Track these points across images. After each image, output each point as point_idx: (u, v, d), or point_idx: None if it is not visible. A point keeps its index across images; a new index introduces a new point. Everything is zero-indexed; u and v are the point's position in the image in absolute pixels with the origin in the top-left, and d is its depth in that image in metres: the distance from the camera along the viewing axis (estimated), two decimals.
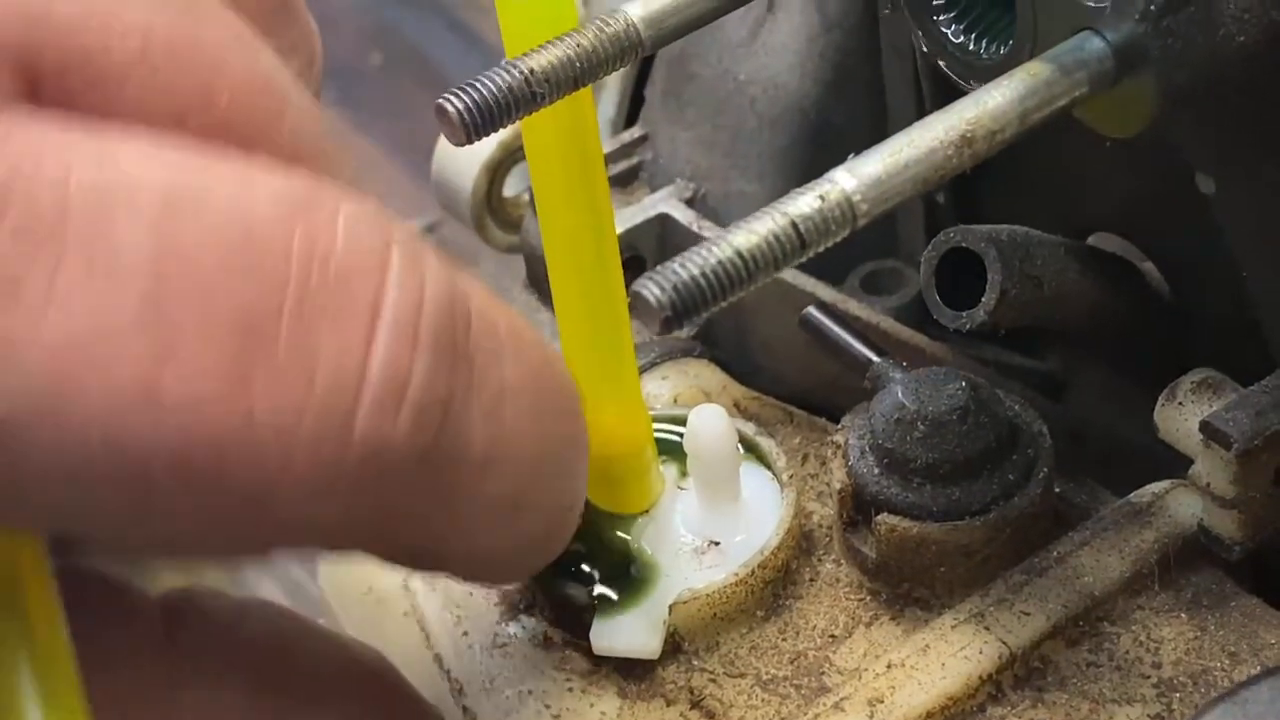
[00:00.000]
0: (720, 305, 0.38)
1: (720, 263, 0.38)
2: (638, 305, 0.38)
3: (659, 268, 0.38)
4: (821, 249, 0.39)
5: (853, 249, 0.63)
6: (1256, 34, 0.42)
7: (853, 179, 0.39)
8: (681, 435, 0.53)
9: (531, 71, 0.44)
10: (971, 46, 0.46)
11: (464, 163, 0.68)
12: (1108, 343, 0.58)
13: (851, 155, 0.40)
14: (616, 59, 0.46)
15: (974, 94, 0.41)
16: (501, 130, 0.67)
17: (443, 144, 0.69)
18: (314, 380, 0.35)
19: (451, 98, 0.44)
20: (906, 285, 0.62)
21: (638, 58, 0.47)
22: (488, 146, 0.68)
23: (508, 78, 0.44)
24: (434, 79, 1.18)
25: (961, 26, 0.46)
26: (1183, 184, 0.51)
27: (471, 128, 0.44)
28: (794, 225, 0.38)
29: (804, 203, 0.39)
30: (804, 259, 0.39)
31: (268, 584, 0.92)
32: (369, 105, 1.19)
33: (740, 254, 0.38)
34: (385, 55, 1.21)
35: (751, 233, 0.38)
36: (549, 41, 0.45)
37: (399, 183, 1.14)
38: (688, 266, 0.38)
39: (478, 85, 0.44)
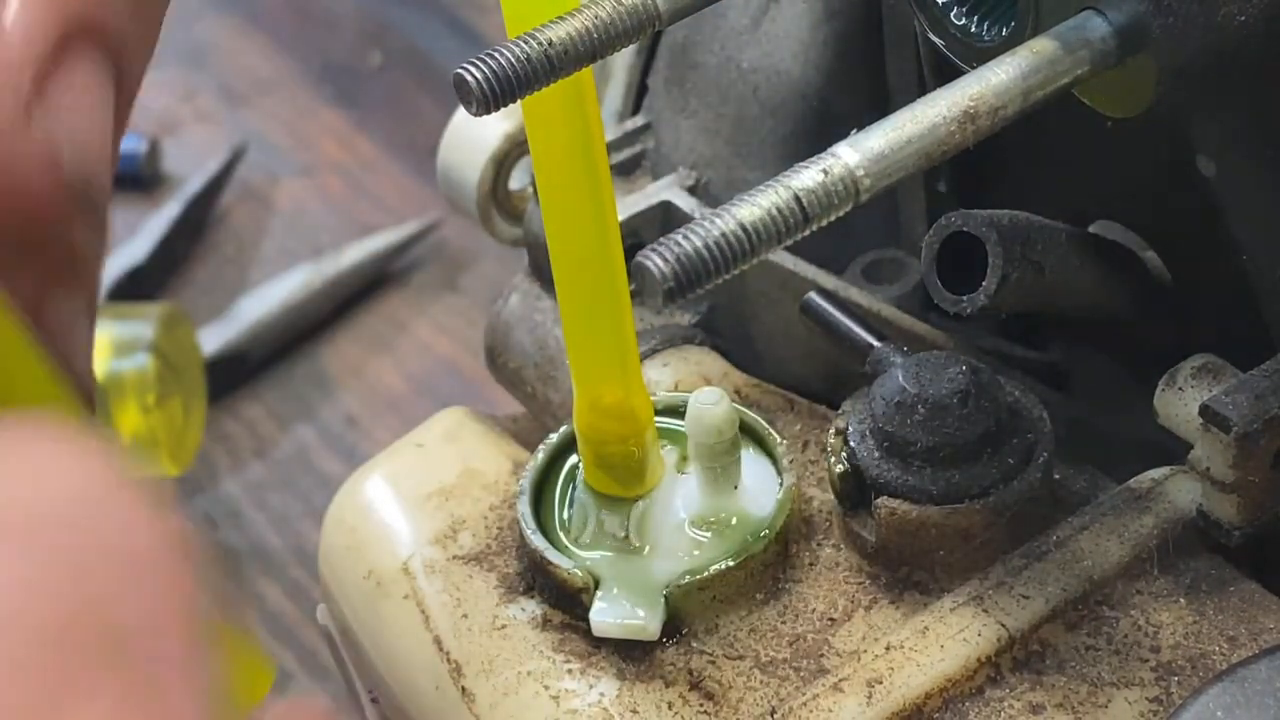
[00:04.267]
0: (722, 279, 0.38)
1: (723, 234, 0.38)
2: (640, 277, 0.38)
3: (662, 240, 0.38)
4: (824, 223, 0.39)
5: (854, 238, 0.63)
6: (1258, 13, 0.42)
7: (856, 153, 0.39)
8: (682, 421, 0.53)
9: (550, 43, 0.44)
10: (973, 29, 0.47)
11: (469, 156, 0.68)
12: (1109, 331, 0.58)
13: (854, 131, 0.40)
14: (634, 31, 0.46)
15: (977, 70, 0.41)
16: (507, 122, 0.68)
17: (448, 138, 0.69)
18: None
19: (470, 67, 0.44)
20: (908, 274, 0.62)
21: (656, 30, 0.46)
22: (493, 139, 0.68)
23: (526, 48, 0.44)
24: (434, 79, 1.18)
25: (963, 8, 0.47)
26: (1184, 171, 0.51)
27: (490, 98, 0.44)
28: (797, 198, 0.38)
29: (807, 176, 0.39)
30: (807, 233, 0.39)
31: (268, 584, 0.92)
32: (369, 105, 1.19)
33: (743, 226, 0.38)
34: (385, 55, 1.21)
35: (755, 206, 0.38)
36: (567, 13, 0.45)
37: (399, 183, 1.14)
38: (690, 239, 0.38)
39: (496, 56, 0.44)
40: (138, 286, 1.05)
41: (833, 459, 0.51)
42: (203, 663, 0.27)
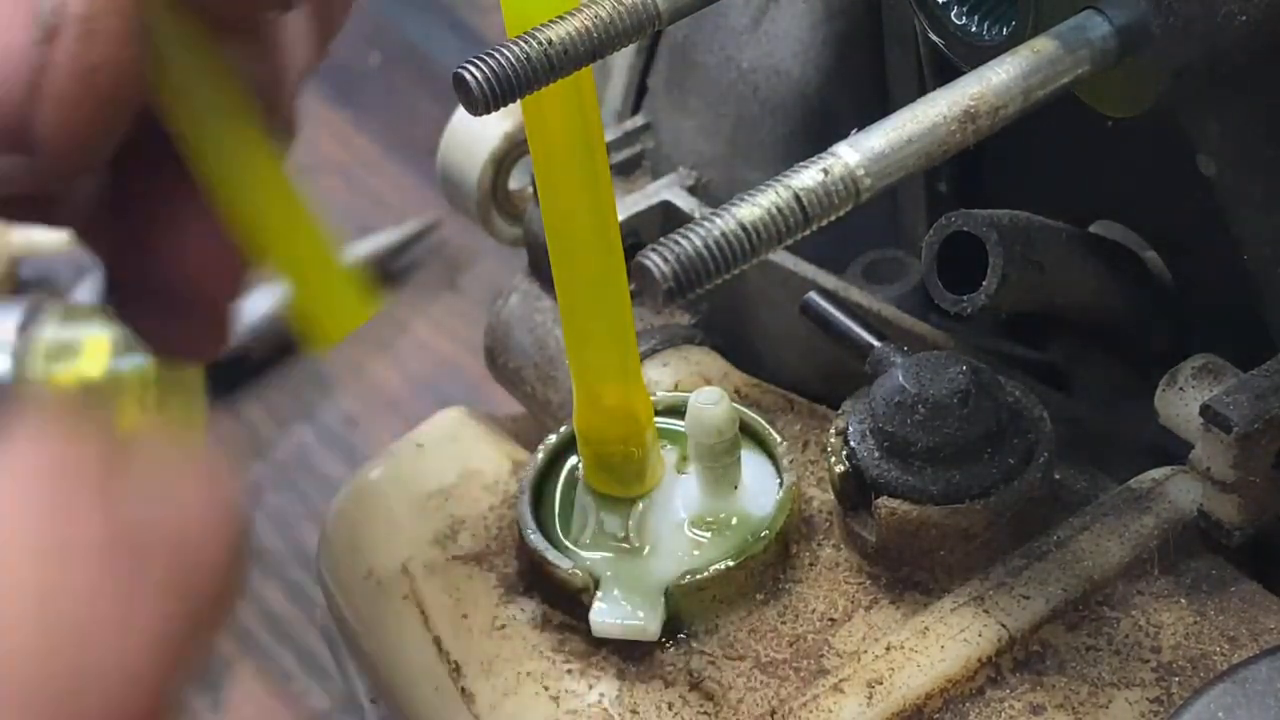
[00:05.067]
0: (723, 278, 0.38)
1: (724, 234, 0.38)
2: (640, 277, 0.38)
3: (662, 239, 0.38)
4: (824, 223, 0.39)
5: (855, 238, 0.63)
6: (1258, 13, 0.42)
7: (856, 153, 0.39)
8: (682, 421, 0.53)
9: (550, 42, 0.44)
10: (974, 29, 0.46)
11: (469, 156, 0.68)
12: (1109, 331, 0.58)
13: (854, 131, 0.40)
14: (634, 31, 0.45)
15: (978, 70, 0.41)
16: (507, 122, 0.68)
17: (448, 138, 0.69)
18: None
19: (470, 66, 0.44)
20: (908, 274, 0.62)
21: (656, 30, 0.46)
22: (493, 139, 0.68)
23: (526, 48, 0.44)
24: (434, 79, 1.18)
25: (963, 8, 0.47)
26: (1184, 171, 0.51)
27: (490, 98, 0.44)
28: (797, 198, 0.38)
29: (807, 176, 0.39)
30: (807, 232, 0.39)
31: (268, 584, 0.92)
32: (369, 105, 1.19)
33: (743, 226, 0.38)
34: (385, 55, 1.21)
35: (755, 205, 0.38)
36: (567, 13, 0.45)
37: (399, 182, 1.14)
38: (690, 238, 0.38)
39: (497, 55, 0.44)
40: None
41: (833, 459, 0.51)
42: None
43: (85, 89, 0.39)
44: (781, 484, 0.53)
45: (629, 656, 0.50)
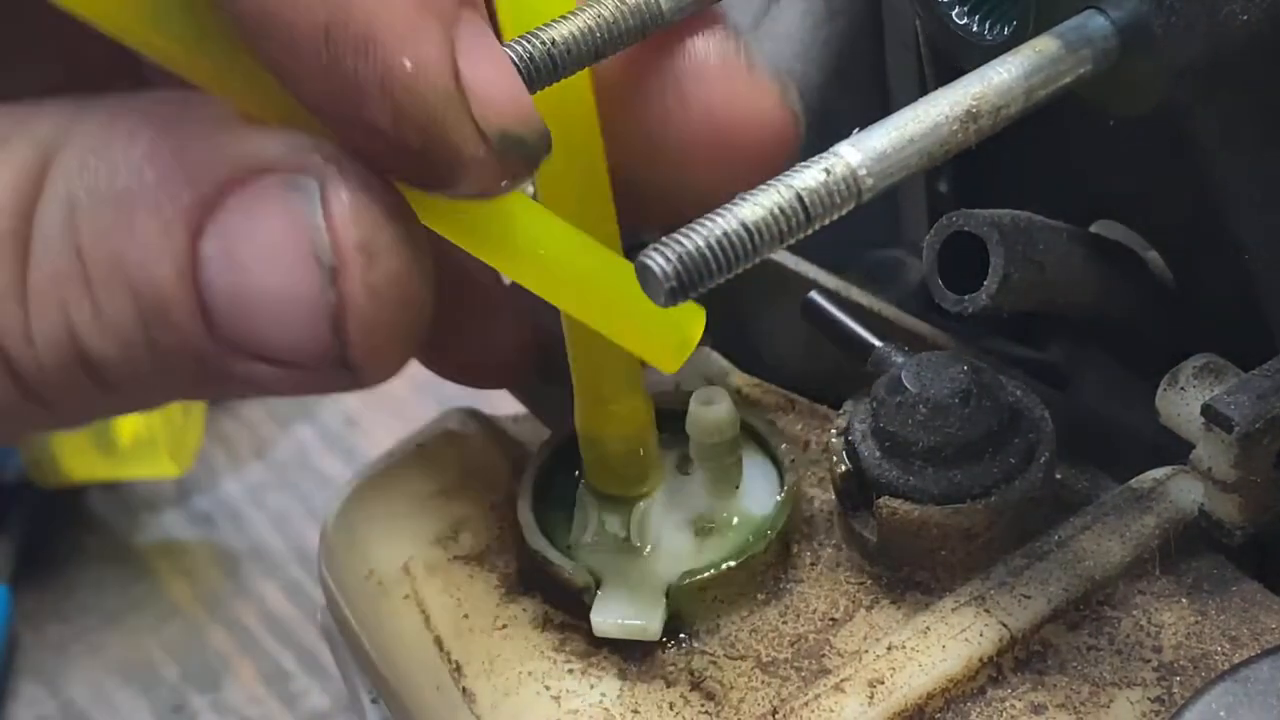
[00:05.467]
0: (724, 278, 0.38)
1: (726, 234, 0.38)
2: (642, 277, 0.38)
3: (664, 239, 0.38)
4: (826, 223, 0.39)
5: (855, 238, 0.63)
6: (1260, 12, 0.43)
7: (858, 153, 0.39)
8: (682, 421, 0.53)
9: (552, 42, 0.44)
10: (975, 28, 0.47)
11: None
12: (1111, 331, 0.58)
13: (856, 130, 0.40)
14: (637, 31, 0.46)
15: (979, 70, 0.41)
16: None
17: None
18: None
19: None
20: (908, 274, 0.62)
21: (659, 30, 0.46)
22: None
23: (528, 48, 0.44)
24: None
25: (965, 8, 0.47)
26: (1184, 171, 0.51)
27: None
28: (799, 198, 0.39)
29: (809, 176, 0.39)
30: (809, 232, 0.39)
31: (268, 584, 0.92)
32: None
33: (746, 226, 0.38)
34: None
35: (757, 205, 0.38)
36: (569, 13, 0.45)
37: None
38: (692, 238, 0.38)
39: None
40: None
41: (834, 459, 0.51)
42: None
43: (385, 306, 0.41)
44: (783, 484, 0.53)
45: (630, 656, 0.50)
